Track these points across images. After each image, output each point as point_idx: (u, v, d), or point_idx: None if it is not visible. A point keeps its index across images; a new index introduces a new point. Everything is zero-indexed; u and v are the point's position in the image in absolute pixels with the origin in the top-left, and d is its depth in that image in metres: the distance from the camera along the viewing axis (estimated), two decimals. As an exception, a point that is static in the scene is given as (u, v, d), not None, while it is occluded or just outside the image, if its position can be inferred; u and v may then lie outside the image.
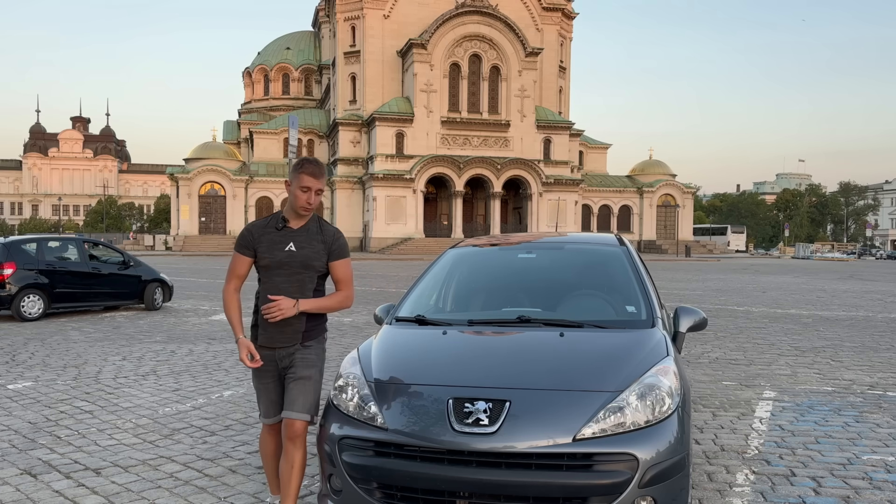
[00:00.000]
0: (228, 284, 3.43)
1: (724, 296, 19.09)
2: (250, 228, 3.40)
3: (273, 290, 3.29)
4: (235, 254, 3.39)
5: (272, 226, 3.36)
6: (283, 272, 3.31)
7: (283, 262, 3.30)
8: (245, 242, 3.37)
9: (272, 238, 3.33)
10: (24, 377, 7.45)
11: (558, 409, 2.96)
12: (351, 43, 63.23)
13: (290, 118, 15.05)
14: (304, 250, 3.32)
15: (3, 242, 12.71)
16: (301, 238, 3.33)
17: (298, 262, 3.31)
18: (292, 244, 3.32)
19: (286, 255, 3.30)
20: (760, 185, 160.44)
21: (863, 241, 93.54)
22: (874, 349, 9.71)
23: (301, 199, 3.29)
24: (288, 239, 3.32)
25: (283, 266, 3.31)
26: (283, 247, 3.31)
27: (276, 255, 3.30)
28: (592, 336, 3.65)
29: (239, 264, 3.38)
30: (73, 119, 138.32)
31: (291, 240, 3.32)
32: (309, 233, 3.36)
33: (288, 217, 3.37)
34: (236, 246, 3.40)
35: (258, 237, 3.34)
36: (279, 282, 3.31)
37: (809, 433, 5.43)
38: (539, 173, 60.57)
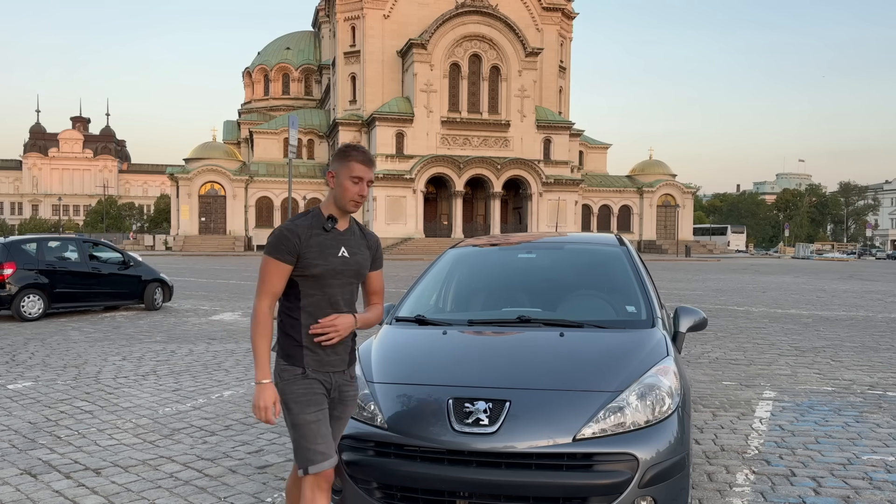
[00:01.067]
0: (262, 302, 2.74)
1: (724, 296, 19.09)
2: (293, 229, 2.72)
3: (325, 304, 2.76)
4: (272, 261, 2.70)
5: (317, 226, 2.76)
6: (336, 282, 2.78)
7: (339, 270, 2.76)
8: (288, 246, 2.69)
9: (322, 241, 2.74)
10: (24, 377, 7.45)
11: (558, 409, 2.96)
12: (351, 43, 63.24)
13: (290, 118, 15.03)
14: (356, 256, 2.83)
15: (3, 242, 12.71)
16: (351, 242, 2.83)
17: (353, 270, 2.81)
18: (345, 249, 2.80)
19: (341, 261, 2.77)
20: (760, 185, 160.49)
21: (863, 241, 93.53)
22: (874, 349, 9.71)
23: (352, 192, 2.75)
24: (339, 242, 2.79)
25: (338, 275, 2.77)
26: (335, 252, 2.77)
27: (331, 261, 2.74)
28: (592, 336, 3.65)
29: (277, 275, 2.71)
30: (73, 119, 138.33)
31: (343, 244, 2.80)
32: (356, 236, 2.87)
33: (335, 216, 2.82)
34: (273, 251, 2.71)
35: (305, 240, 2.71)
36: (332, 294, 2.78)
37: (809, 433, 5.43)
38: (539, 173, 60.57)
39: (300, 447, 2.68)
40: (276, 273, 2.71)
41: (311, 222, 2.78)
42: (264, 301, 2.75)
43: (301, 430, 2.68)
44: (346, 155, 2.78)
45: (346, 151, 2.80)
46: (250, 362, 8.39)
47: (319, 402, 2.72)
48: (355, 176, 2.75)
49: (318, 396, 2.73)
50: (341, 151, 2.81)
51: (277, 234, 2.74)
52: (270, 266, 2.72)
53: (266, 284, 2.73)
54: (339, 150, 2.82)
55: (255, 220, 61.84)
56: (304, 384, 2.72)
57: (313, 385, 2.73)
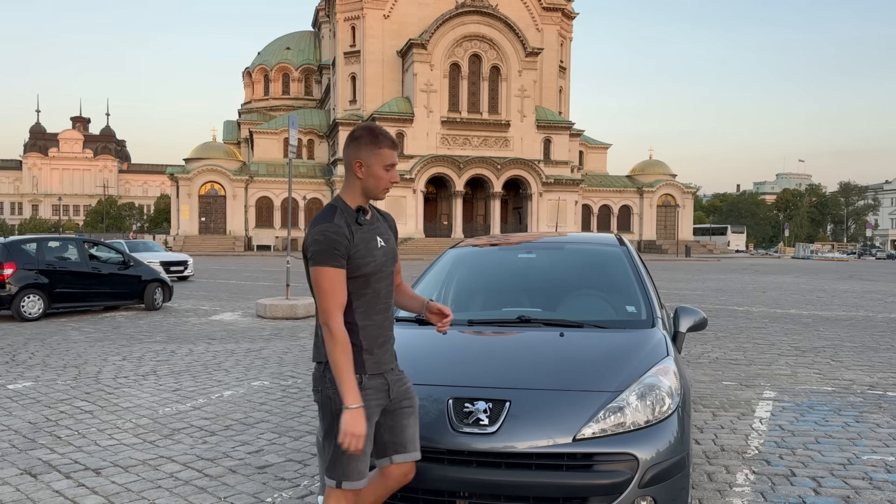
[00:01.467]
0: (336, 318, 2.47)
1: (724, 296, 19.09)
2: (339, 230, 2.49)
3: (376, 301, 2.60)
4: (330, 270, 2.45)
5: (352, 221, 2.56)
6: (382, 275, 2.62)
7: (382, 261, 2.61)
8: (342, 249, 2.48)
9: (362, 236, 2.56)
10: (24, 377, 7.45)
11: (558, 409, 2.96)
12: (351, 43, 63.23)
13: (290, 118, 15.02)
14: (390, 242, 2.68)
15: (3, 242, 12.72)
16: (381, 229, 2.68)
17: (391, 258, 2.67)
18: (380, 239, 2.63)
19: (382, 252, 2.61)
20: (760, 185, 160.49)
21: (863, 241, 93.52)
22: (874, 349, 9.71)
23: (385, 181, 2.59)
24: (373, 233, 2.62)
25: (382, 269, 2.62)
26: (375, 244, 2.59)
27: (377, 255, 2.58)
28: (592, 336, 3.65)
29: (340, 283, 2.47)
30: (73, 119, 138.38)
31: (376, 233, 2.63)
32: (380, 221, 2.71)
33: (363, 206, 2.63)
34: (328, 257, 2.45)
35: (351, 238, 2.51)
36: (380, 289, 2.62)
37: (809, 433, 5.43)
38: (539, 173, 60.57)
39: (340, 461, 2.52)
40: (340, 282, 2.47)
41: (346, 218, 2.55)
42: (337, 316, 2.46)
43: None
44: (376, 142, 2.57)
45: (377, 138, 2.58)
46: (250, 362, 8.40)
47: (371, 416, 2.55)
48: (388, 164, 2.58)
49: (372, 411, 2.56)
50: (369, 137, 2.58)
51: (324, 238, 2.46)
52: (330, 276, 2.45)
53: (335, 298, 2.45)
54: (363, 135, 2.59)
55: (255, 220, 61.84)
56: (362, 396, 2.52)
57: (370, 397, 2.55)
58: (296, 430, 5.44)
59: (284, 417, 5.84)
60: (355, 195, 2.61)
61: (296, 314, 13.01)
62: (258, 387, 7.03)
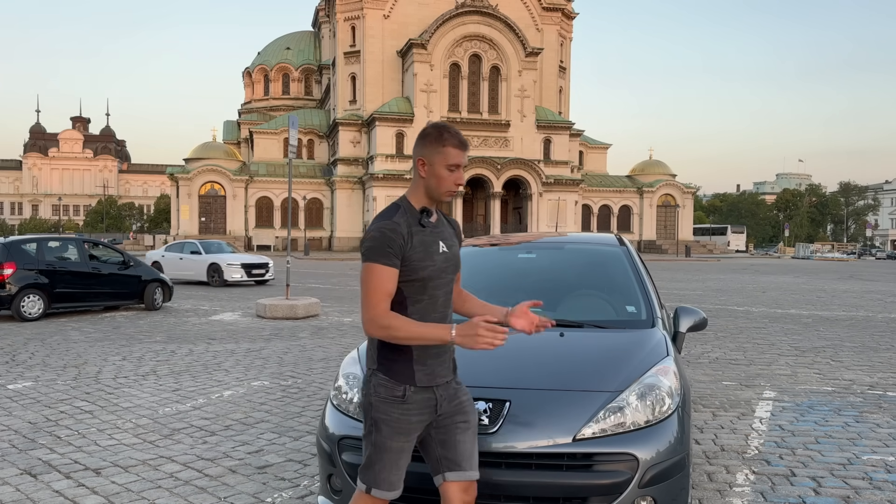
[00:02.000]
0: (380, 307, 2.36)
1: (724, 296, 19.09)
2: (396, 228, 2.38)
3: (432, 308, 2.47)
4: (383, 268, 2.36)
5: (414, 222, 2.45)
6: (441, 282, 2.49)
7: (442, 268, 2.48)
8: (395, 248, 2.37)
9: (423, 239, 2.44)
10: (24, 377, 7.45)
11: (558, 409, 2.96)
12: (351, 43, 63.22)
13: (290, 118, 15.01)
14: (453, 249, 2.55)
15: (3, 242, 12.71)
16: (446, 234, 2.55)
17: (453, 265, 2.53)
18: (443, 244, 2.50)
19: (443, 258, 2.48)
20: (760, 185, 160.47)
21: (863, 241, 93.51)
22: (874, 349, 9.71)
23: (448, 182, 2.45)
24: (436, 237, 2.49)
25: (442, 274, 2.49)
26: (436, 248, 2.47)
27: (436, 259, 2.45)
28: (592, 336, 3.65)
29: (388, 280, 2.37)
30: (73, 119, 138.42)
31: (439, 237, 2.50)
32: (445, 226, 2.59)
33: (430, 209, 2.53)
34: (378, 255, 2.36)
35: (409, 239, 2.40)
36: (437, 296, 2.49)
37: (809, 433, 5.43)
38: (539, 173, 60.55)
39: (374, 468, 2.48)
40: (388, 278, 2.36)
41: (408, 218, 2.44)
42: (382, 304, 2.36)
43: (381, 455, 2.46)
44: (440, 139, 2.43)
45: (441, 136, 2.43)
46: (250, 362, 8.40)
47: (410, 431, 2.47)
48: (452, 164, 2.43)
49: (412, 426, 2.47)
50: (434, 135, 2.45)
51: (378, 235, 2.37)
52: (379, 273, 2.35)
53: (379, 291, 2.35)
54: (429, 133, 2.47)
55: (255, 220, 61.83)
56: (402, 409, 2.44)
57: (411, 411, 2.45)
58: (296, 430, 5.44)
59: (284, 417, 5.84)
60: (419, 195, 2.51)
61: (296, 314, 13.01)
62: (258, 387, 7.03)
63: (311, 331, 11.33)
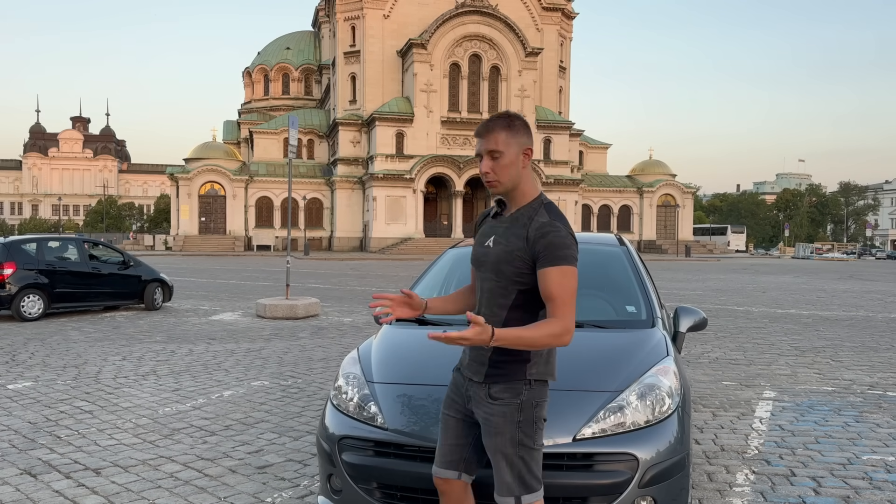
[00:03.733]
0: None
1: (724, 296, 19.09)
2: (479, 219, 2.65)
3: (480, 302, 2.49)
4: None
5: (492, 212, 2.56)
6: (480, 276, 2.48)
7: (480, 261, 2.47)
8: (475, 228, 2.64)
9: (484, 230, 2.53)
10: (24, 377, 7.45)
11: (558, 408, 2.96)
12: (351, 43, 63.22)
13: (290, 118, 15.01)
14: (499, 246, 2.38)
15: (3, 242, 12.71)
16: (503, 229, 2.41)
17: (491, 262, 2.40)
18: (494, 237, 2.43)
19: (484, 251, 2.45)
20: (760, 185, 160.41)
21: (863, 241, 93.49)
22: (874, 349, 9.71)
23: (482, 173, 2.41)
24: (494, 231, 2.46)
25: (480, 267, 2.48)
26: (486, 240, 2.47)
27: (477, 250, 2.49)
28: (592, 336, 3.65)
29: None
30: (73, 119, 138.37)
31: (496, 232, 2.44)
32: (515, 223, 2.38)
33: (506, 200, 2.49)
34: None
35: (479, 223, 2.61)
36: (483, 290, 2.47)
37: (809, 433, 5.43)
38: (539, 173, 60.55)
39: None
40: None
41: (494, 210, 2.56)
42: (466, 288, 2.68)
43: None
44: None
45: None
46: (250, 362, 8.40)
47: (447, 404, 2.56)
48: (476, 155, 2.42)
49: (448, 399, 2.57)
50: None
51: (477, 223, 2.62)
52: None
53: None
54: None
55: (255, 220, 61.82)
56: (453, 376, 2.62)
57: (450, 385, 2.59)
58: (296, 430, 5.44)
59: (284, 417, 5.84)
60: None
61: (296, 314, 13.01)
62: (258, 387, 7.03)
63: (311, 331, 11.33)
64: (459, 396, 2.53)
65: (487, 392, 2.40)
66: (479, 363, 2.42)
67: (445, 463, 2.53)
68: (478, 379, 2.42)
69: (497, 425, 2.37)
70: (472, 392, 2.45)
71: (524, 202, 2.40)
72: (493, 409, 2.38)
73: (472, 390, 2.45)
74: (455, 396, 2.55)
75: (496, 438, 2.38)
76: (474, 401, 2.45)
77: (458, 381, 2.56)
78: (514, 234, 2.36)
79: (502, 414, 2.37)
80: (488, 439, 2.41)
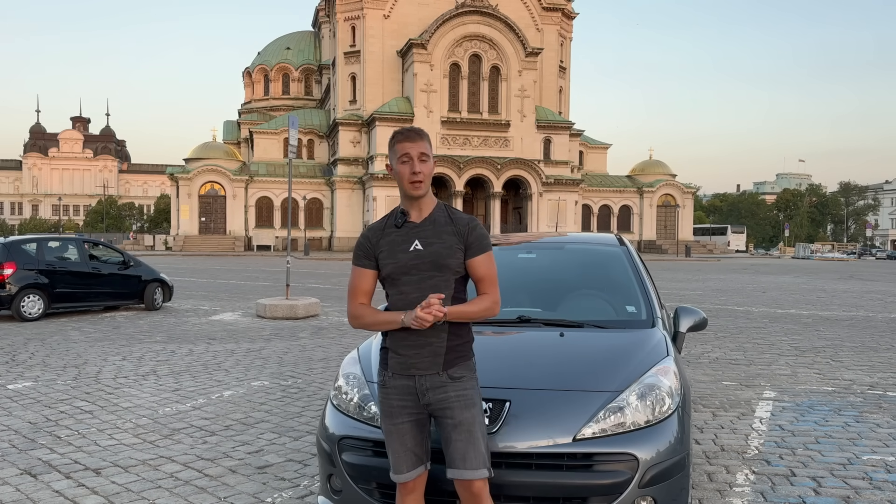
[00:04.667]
0: (353, 302, 2.76)
1: (724, 296, 19.09)
2: (367, 234, 2.76)
3: (403, 304, 2.65)
4: (354, 268, 2.76)
5: (391, 224, 2.72)
6: (411, 279, 2.66)
7: (410, 265, 2.64)
8: (363, 251, 2.72)
9: (393, 239, 2.68)
10: (24, 377, 7.45)
11: (558, 409, 2.96)
12: (351, 43, 63.21)
13: (290, 118, 15.01)
14: (432, 246, 2.64)
15: (3, 242, 12.71)
16: (427, 232, 2.67)
17: (428, 262, 2.63)
18: (417, 241, 2.65)
19: (412, 255, 2.64)
20: (760, 185, 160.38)
21: (863, 241, 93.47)
22: (874, 349, 9.71)
23: (405, 174, 2.63)
24: (412, 236, 2.66)
25: (410, 271, 2.65)
26: (406, 247, 2.66)
27: (400, 257, 2.65)
28: (592, 336, 3.66)
29: (360, 279, 2.73)
30: (73, 119, 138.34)
31: (416, 237, 2.66)
32: (436, 224, 2.68)
33: (407, 209, 2.71)
34: (354, 258, 2.76)
35: (376, 242, 2.70)
36: (408, 291, 2.65)
37: (809, 433, 5.43)
38: (539, 173, 60.55)
39: None
40: (358, 278, 2.75)
41: (386, 222, 2.76)
42: (354, 300, 2.76)
43: (385, 438, 2.74)
44: (392, 141, 2.69)
45: (392, 137, 2.70)
46: (250, 362, 8.40)
47: (394, 414, 2.68)
48: (402, 156, 2.64)
49: (393, 409, 2.68)
50: (390, 140, 2.71)
51: (357, 240, 2.79)
52: (354, 272, 2.76)
53: (352, 289, 2.76)
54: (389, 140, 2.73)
55: (255, 220, 61.82)
56: (383, 392, 2.72)
57: (389, 395, 2.69)
58: (296, 430, 5.44)
59: (284, 417, 5.84)
60: (402, 197, 2.74)
61: (296, 314, 13.01)
62: (258, 387, 7.03)
63: (311, 331, 11.33)
64: (409, 400, 2.66)
65: (448, 376, 2.65)
66: (435, 355, 2.64)
67: (412, 464, 2.69)
68: (435, 370, 2.64)
69: (471, 397, 2.66)
70: (429, 384, 2.64)
71: (432, 206, 2.72)
72: (461, 385, 2.66)
73: (429, 383, 2.64)
74: (402, 403, 2.67)
75: (473, 410, 2.64)
76: (433, 391, 2.64)
77: (402, 387, 2.66)
78: (443, 232, 2.67)
79: (471, 387, 2.69)
80: (465, 412, 2.62)
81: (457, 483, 2.66)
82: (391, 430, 2.69)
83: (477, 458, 2.61)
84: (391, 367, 2.68)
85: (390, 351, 2.70)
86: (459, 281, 2.71)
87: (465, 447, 2.61)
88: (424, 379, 2.64)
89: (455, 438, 2.62)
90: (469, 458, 2.60)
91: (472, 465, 2.60)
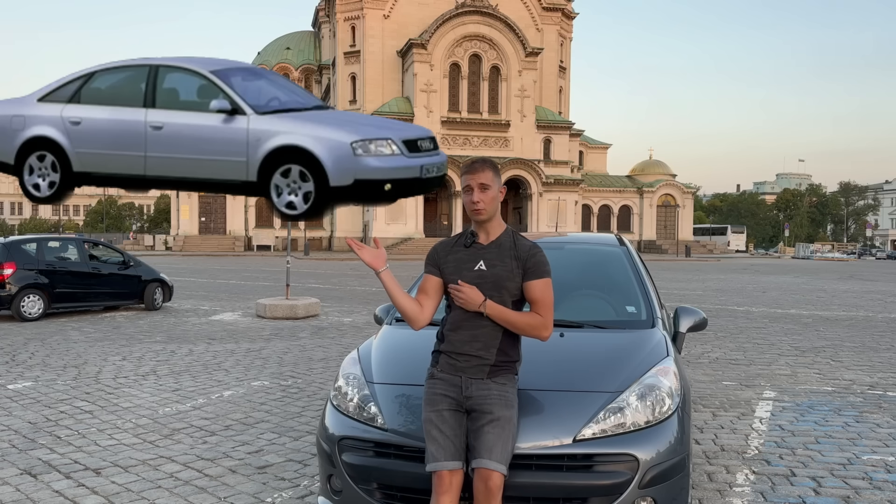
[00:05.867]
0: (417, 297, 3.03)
1: (724, 296, 19.09)
2: (437, 247, 3.03)
3: (459, 318, 2.88)
4: (424, 274, 3.03)
5: (461, 243, 2.96)
6: None
7: (473, 283, 2.86)
8: (431, 260, 3.00)
9: (460, 257, 2.92)
10: (24, 377, 7.45)
11: (558, 409, 2.96)
12: (351, 43, 63.22)
13: (290, 118, 14.98)
14: (495, 268, 2.87)
15: (3, 242, 12.72)
16: (492, 255, 2.90)
17: (490, 282, 2.85)
18: (482, 262, 2.88)
19: (476, 274, 2.87)
20: (760, 185, 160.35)
21: (863, 241, 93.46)
22: (874, 349, 9.71)
23: (467, 203, 2.88)
24: (478, 257, 2.90)
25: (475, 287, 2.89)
26: (472, 265, 2.89)
27: (465, 275, 2.87)
28: (592, 336, 3.65)
29: (425, 282, 2.99)
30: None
31: (481, 257, 2.89)
32: (501, 248, 2.91)
33: (476, 231, 2.96)
34: (425, 265, 3.03)
35: (444, 256, 2.96)
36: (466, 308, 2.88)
37: (809, 433, 5.43)
38: (539, 173, 60.55)
39: None
40: (425, 281, 2.99)
41: (458, 240, 3.02)
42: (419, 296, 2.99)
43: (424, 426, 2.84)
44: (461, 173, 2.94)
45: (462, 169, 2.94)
46: (250, 362, 8.41)
47: (436, 402, 2.83)
48: (465, 186, 2.89)
49: (436, 397, 2.84)
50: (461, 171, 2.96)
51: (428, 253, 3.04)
52: (423, 277, 3.03)
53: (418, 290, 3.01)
54: None
55: (255, 221, 61.81)
56: (430, 383, 2.89)
57: (435, 385, 2.86)
58: (296, 430, 5.44)
59: (284, 417, 5.84)
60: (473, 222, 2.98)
61: (296, 314, 13.00)
62: (258, 387, 7.03)
63: (311, 331, 11.33)
64: (452, 391, 2.83)
65: (491, 381, 2.84)
66: (483, 366, 2.84)
67: (450, 455, 2.73)
68: (480, 377, 2.83)
69: (511, 399, 2.84)
70: (473, 386, 2.82)
71: (500, 230, 2.95)
72: (504, 388, 2.84)
73: (474, 385, 2.82)
74: (445, 393, 2.83)
75: (511, 411, 2.81)
76: (477, 389, 2.82)
77: (448, 380, 2.84)
78: (507, 256, 2.89)
79: (512, 390, 2.87)
80: (505, 411, 2.78)
81: (476, 475, 2.68)
82: (431, 418, 2.80)
83: (504, 453, 2.71)
84: (441, 366, 2.88)
85: (444, 353, 2.89)
86: (516, 304, 2.90)
87: (496, 440, 2.72)
88: (471, 383, 2.83)
89: (488, 431, 2.73)
90: (496, 451, 2.70)
91: (497, 458, 2.69)
